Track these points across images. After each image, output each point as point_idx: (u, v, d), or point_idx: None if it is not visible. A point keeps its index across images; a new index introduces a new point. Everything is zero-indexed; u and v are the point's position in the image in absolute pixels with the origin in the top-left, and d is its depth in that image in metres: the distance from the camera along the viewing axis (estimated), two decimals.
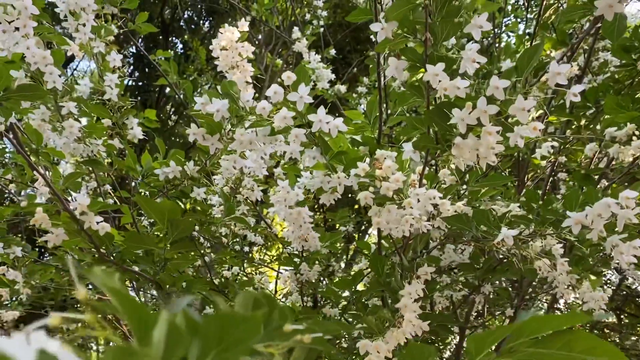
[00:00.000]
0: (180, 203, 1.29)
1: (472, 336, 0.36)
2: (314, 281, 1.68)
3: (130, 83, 6.17)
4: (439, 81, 0.77)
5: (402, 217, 0.87)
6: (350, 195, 1.05)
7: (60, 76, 1.02)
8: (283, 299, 2.04)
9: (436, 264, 1.11)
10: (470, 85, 0.78)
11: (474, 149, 0.79)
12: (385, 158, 0.85)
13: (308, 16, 3.26)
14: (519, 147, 0.79)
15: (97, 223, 1.10)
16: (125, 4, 1.84)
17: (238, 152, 0.96)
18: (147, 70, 6.74)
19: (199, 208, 1.32)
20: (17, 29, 0.88)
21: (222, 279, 1.86)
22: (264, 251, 3.19)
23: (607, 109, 1.25)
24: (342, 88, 3.13)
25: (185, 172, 1.20)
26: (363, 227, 3.29)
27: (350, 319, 1.49)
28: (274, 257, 2.56)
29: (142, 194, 1.38)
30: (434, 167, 1.31)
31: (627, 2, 0.72)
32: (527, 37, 1.88)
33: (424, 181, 0.92)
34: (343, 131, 0.85)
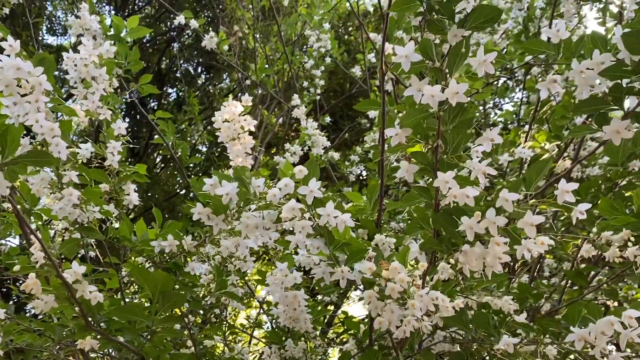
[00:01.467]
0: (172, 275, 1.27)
1: None
2: (297, 358, 1.63)
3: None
4: (449, 188, 0.78)
5: (404, 318, 0.86)
6: None
7: (66, 147, 1.01)
8: None
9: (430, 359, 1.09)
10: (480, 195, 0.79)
11: (481, 257, 0.80)
12: (393, 260, 0.85)
13: (306, 84, 3.34)
14: (526, 258, 0.80)
15: (90, 292, 1.07)
16: (130, 65, 1.87)
17: (243, 235, 0.95)
18: (137, 117, 6.77)
19: (188, 280, 1.30)
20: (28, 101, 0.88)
21: (206, 351, 1.80)
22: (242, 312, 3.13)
23: (601, 210, 1.27)
24: (335, 155, 3.17)
25: (181, 246, 1.18)
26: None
27: None
28: (253, 323, 2.50)
29: (133, 260, 1.35)
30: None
31: (634, 129, 0.75)
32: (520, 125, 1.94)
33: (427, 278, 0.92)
34: (350, 226, 0.86)
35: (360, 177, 3.54)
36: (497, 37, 2.41)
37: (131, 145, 1.38)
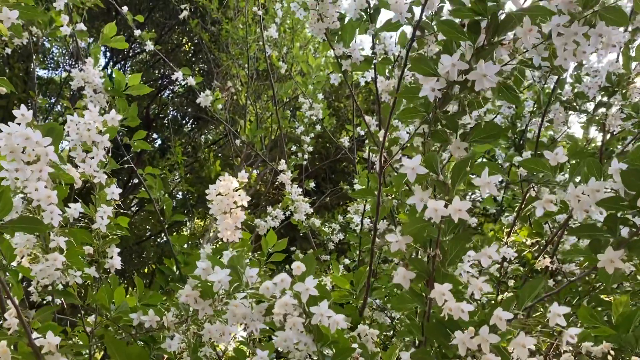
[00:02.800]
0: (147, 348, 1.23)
1: None
2: None
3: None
4: (445, 300, 0.79)
5: None
6: None
7: (59, 214, 1.00)
8: None
9: None
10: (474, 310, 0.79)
11: None
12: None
13: (294, 148, 3.38)
14: None
15: None
16: (127, 122, 1.88)
17: (230, 323, 0.94)
18: (120, 154, 6.73)
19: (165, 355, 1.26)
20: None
21: None
22: None
23: (581, 318, 1.29)
24: (317, 222, 3.18)
25: (161, 322, 1.15)
26: None
27: None
28: None
29: (107, 328, 1.31)
30: None
31: (625, 257, 0.78)
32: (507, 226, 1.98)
33: None
34: (343, 328, 0.85)
35: (339, 244, 3.54)
36: None
37: (121, 211, 1.37)
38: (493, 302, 1.46)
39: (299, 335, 0.92)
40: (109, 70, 7.47)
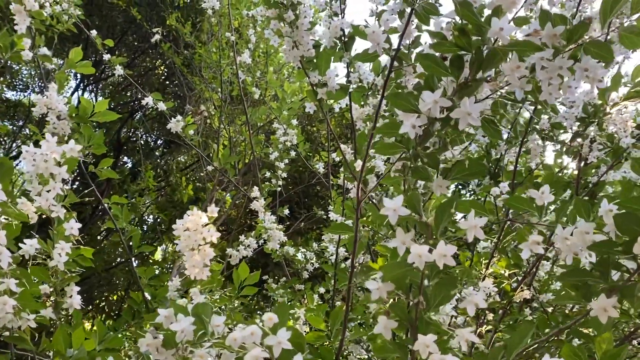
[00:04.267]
0: None
1: None
2: None
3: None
4: (429, 353, 0.73)
5: None
6: None
7: (8, 256, 0.92)
8: None
9: None
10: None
11: None
12: None
13: (268, 174, 3.32)
14: None
15: None
16: (92, 149, 1.80)
17: None
18: (85, 183, 6.54)
19: None
20: None
21: None
22: None
23: (564, 356, 1.25)
24: (291, 250, 3.10)
25: None
26: None
27: None
28: None
29: None
30: None
31: (618, 310, 0.73)
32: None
33: None
34: None
35: (314, 270, 3.46)
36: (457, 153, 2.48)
37: (81, 246, 1.28)
38: (480, 350, 1.40)
39: None
40: (80, 92, 7.32)
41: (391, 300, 0.80)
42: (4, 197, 0.79)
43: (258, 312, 5.05)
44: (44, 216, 1.17)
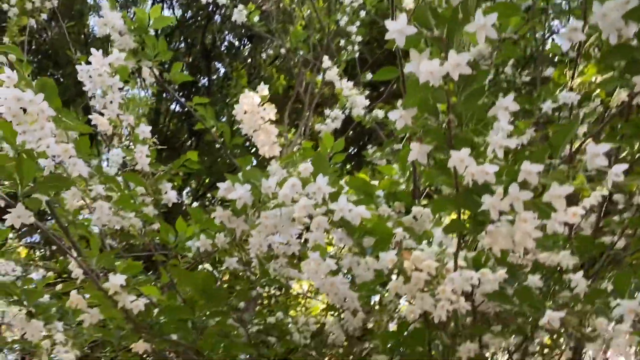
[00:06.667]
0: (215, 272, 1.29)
1: None
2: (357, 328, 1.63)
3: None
4: (466, 166, 0.72)
5: (438, 303, 0.82)
6: None
7: (87, 162, 1.03)
8: None
9: (483, 333, 1.04)
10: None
11: (509, 236, 0.74)
12: (414, 249, 0.80)
13: (343, 42, 3.23)
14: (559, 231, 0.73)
15: (131, 302, 1.10)
16: (160, 56, 1.87)
17: (266, 234, 0.94)
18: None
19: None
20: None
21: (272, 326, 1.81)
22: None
23: None
24: (380, 113, 3.06)
25: (215, 245, 1.19)
26: None
27: None
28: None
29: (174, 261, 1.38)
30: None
31: None
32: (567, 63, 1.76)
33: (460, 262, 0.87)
34: (366, 217, 0.82)
35: None
36: None
37: (158, 147, 1.38)
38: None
39: (335, 232, 0.90)
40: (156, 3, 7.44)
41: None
42: (52, 112, 0.87)
43: None
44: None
